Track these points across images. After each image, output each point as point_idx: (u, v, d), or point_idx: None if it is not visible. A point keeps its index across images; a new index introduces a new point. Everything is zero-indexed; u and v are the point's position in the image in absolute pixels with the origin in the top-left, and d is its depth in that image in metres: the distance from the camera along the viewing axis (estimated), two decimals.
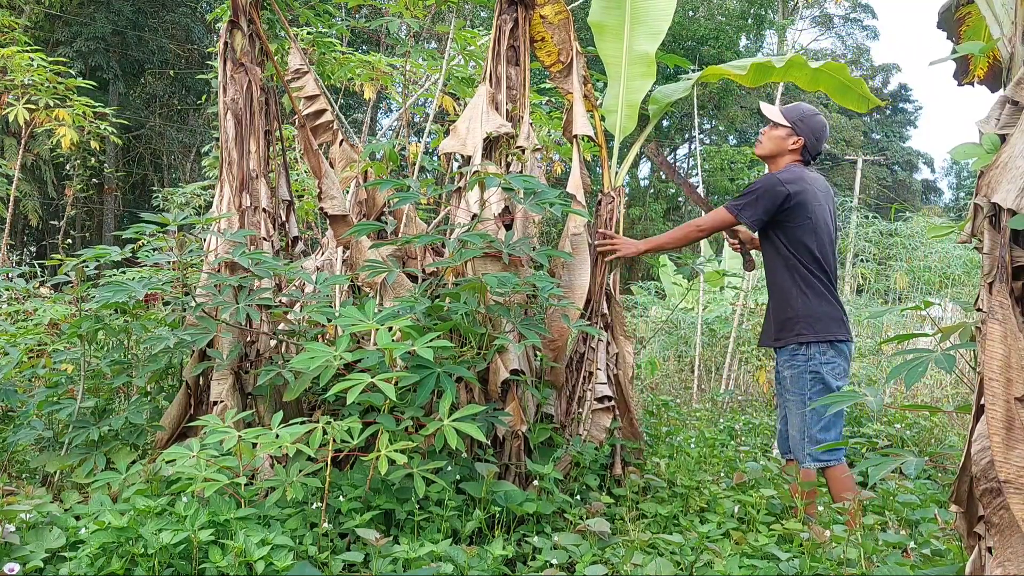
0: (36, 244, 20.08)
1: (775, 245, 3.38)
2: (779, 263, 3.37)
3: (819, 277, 3.30)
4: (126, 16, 19.90)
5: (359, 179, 3.80)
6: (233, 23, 3.42)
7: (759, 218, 3.31)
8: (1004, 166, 1.73)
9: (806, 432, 3.25)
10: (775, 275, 3.41)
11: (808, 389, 3.25)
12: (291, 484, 2.41)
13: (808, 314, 3.27)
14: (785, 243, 3.34)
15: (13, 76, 5.96)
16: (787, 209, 3.29)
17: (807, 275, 3.30)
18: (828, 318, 3.27)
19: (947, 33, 2.59)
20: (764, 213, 3.30)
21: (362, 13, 11.72)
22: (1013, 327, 1.68)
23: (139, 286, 2.91)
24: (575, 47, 3.64)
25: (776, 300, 3.40)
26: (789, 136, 3.43)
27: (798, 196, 3.28)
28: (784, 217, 3.31)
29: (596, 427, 3.47)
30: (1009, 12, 1.83)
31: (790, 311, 3.32)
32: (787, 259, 3.33)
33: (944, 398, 6.95)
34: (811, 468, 3.25)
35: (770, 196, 3.28)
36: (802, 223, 3.30)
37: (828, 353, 3.25)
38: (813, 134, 3.44)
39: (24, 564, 2.10)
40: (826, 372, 3.24)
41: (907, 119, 41.53)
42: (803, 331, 3.27)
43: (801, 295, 3.29)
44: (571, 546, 2.56)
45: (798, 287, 3.30)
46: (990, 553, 1.67)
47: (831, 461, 3.21)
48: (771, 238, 3.39)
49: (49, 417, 3.08)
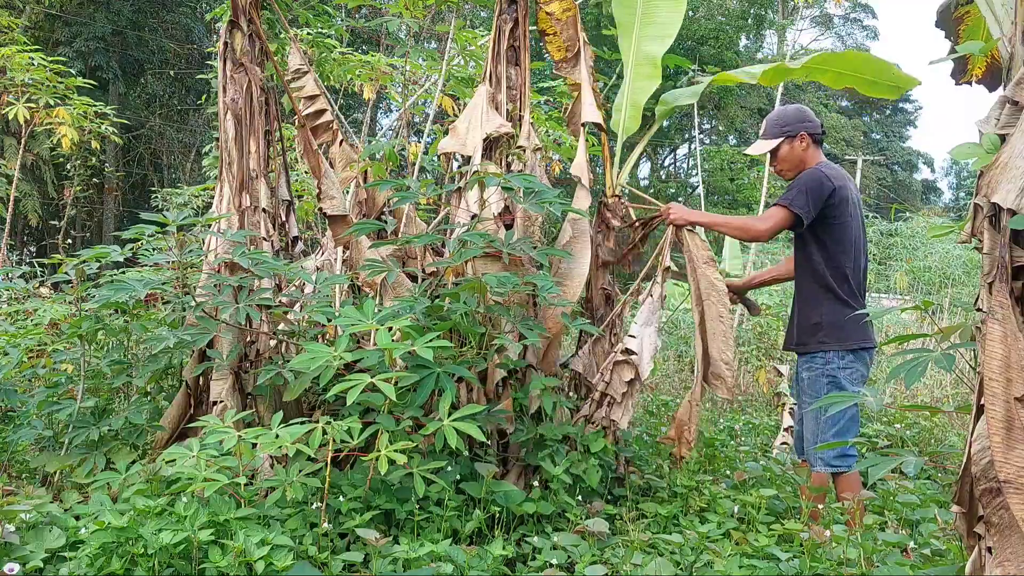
0: (36, 244, 20.08)
1: (809, 248, 3.28)
2: (808, 269, 3.29)
3: (849, 281, 3.23)
4: (126, 16, 19.90)
5: (359, 179, 3.81)
6: (233, 23, 3.41)
7: (810, 211, 3.18)
8: (1004, 166, 1.73)
9: (819, 436, 3.20)
10: (804, 280, 3.33)
11: (823, 393, 3.18)
12: (291, 484, 2.41)
13: (833, 322, 3.20)
14: (821, 245, 3.24)
15: (13, 75, 5.96)
16: (832, 204, 3.19)
17: (837, 280, 3.22)
18: (852, 325, 3.19)
19: (945, 32, 2.59)
20: (814, 206, 3.18)
21: (362, 13, 11.71)
22: (1013, 327, 1.68)
23: (140, 285, 2.91)
24: (582, 38, 3.63)
25: (802, 305, 3.33)
26: (791, 143, 3.36)
27: (841, 191, 3.20)
28: (828, 212, 3.20)
29: (617, 381, 3.33)
30: (1009, 12, 1.83)
31: (816, 317, 3.24)
32: (819, 264, 3.24)
33: (944, 398, 6.95)
34: (823, 472, 3.20)
35: (816, 189, 3.19)
36: (843, 220, 3.22)
37: (847, 358, 3.19)
38: (802, 123, 3.35)
39: (24, 564, 2.10)
40: (843, 377, 3.19)
41: (907, 119, 41.52)
42: (826, 339, 3.21)
43: (828, 302, 3.22)
44: (571, 546, 2.56)
45: (826, 294, 3.23)
46: (990, 553, 1.67)
47: (842, 467, 3.15)
48: (806, 240, 3.29)
49: (49, 417, 3.08)
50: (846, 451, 3.16)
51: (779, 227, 3.29)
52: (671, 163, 32.54)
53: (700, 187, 8.71)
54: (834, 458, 3.14)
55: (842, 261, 3.23)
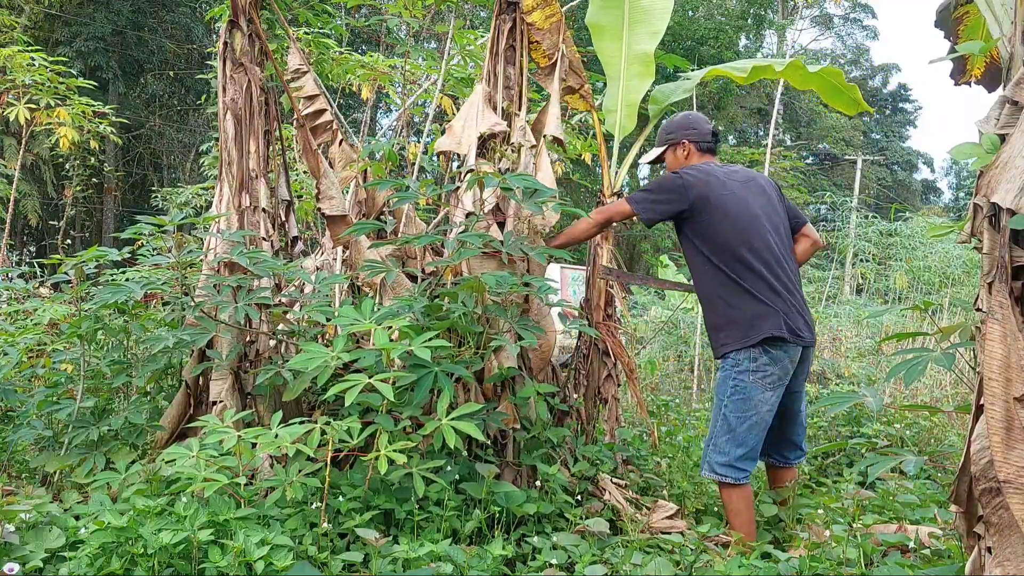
0: (36, 244, 20.09)
1: (693, 246, 3.12)
2: (697, 266, 3.12)
3: (745, 274, 2.97)
4: (126, 16, 19.90)
5: (358, 179, 3.80)
6: (233, 23, 3.42)
7: (650, 208, 3.10)
8: (1003, 166, 1.73)
9: (712, 437, 3.01)
10: (696, 281, 3.16)
11: (727, 397, 2.97)
12: (291, 484, 2.41)
13: (730, 320, 2.99)
14: (700, 242, 3.08)
15: (13, 76, 5.96)
16: (691, 203, 3.04)
17: (729, 275, 3.00)
18: (758, 317, 2.94)
19: (944, 32, 2.60)
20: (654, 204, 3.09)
21: (361, 13, 11.71)
22: (1013, 327, 1.68)
23: (137, 286, 2.91)
24: (561, 49, 3.61)
25: (703, 308, 3.16)
26: (674, 151, 3.33)
27: (701, 190, 3.04)
28: (693, 212, 3.06)
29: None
30: (1009, 12, 1.84)
31: (714, 317, 3.07)
32: (706, 261, 3.06)
33: (944, 398, 6.95)
34: (707, 476, 3.02)
35: (663, 188, 3.10)
36: (710, 216, 3.03)
37: (760, 360, 2.93)
38: (686, 130, 3.30)
39: (24, 564, 2.10)
40: (751, 381, 2.93)
41: (907, 119, 41.52)
42: (727, 340, 3.00)
43: (722, 299, 3.02)
44: (571, 546, 2.56)
45: (719, 290, 3.03)
46: (989, 553, 1.67)
47: (727, 476, 2.93)
48: (687, 237, 3.14)
49: (49, 417, 3.08)
50: (735, 462, 2.93)
51: (608, 218, 3.25)
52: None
53: None
54: (720, 465, 2.95)
55: (728, 257, 3.00)
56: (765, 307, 2.95)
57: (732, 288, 3.00)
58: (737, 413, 2.95)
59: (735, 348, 2.97)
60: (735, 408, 2.95)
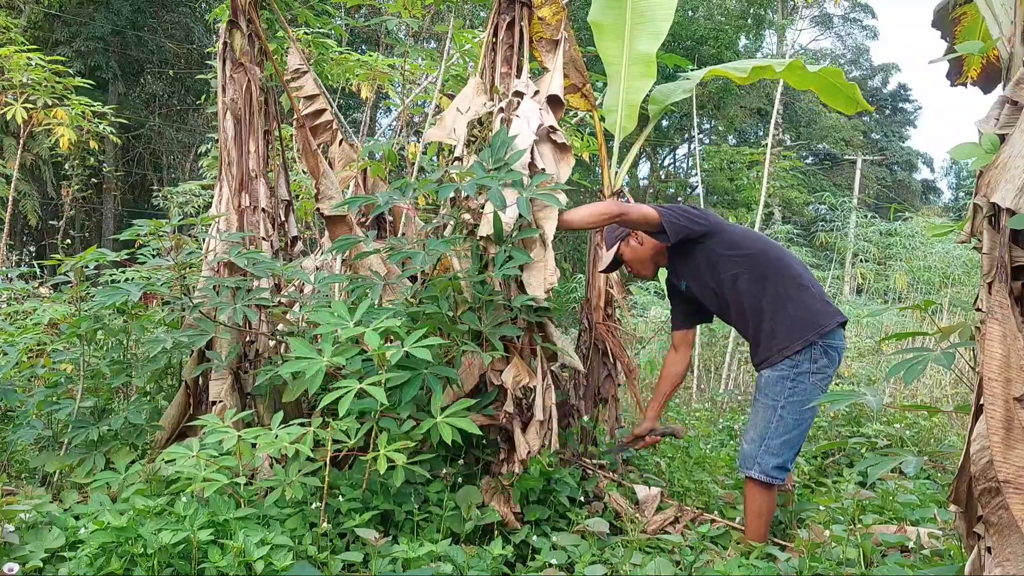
0: (35, 244, 20.07)
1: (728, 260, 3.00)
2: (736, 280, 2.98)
3: (787, 272, 2.96)
4: (125, 16, 19.87)
5: (358, 179, 3.80)
6: (232, 23, 3.41)
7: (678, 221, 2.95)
8: (1003, 166, 1.73)
9: (765, 439, 2.90)
10: (736, 297, 3.00)
11: (783, 398, 2.89)
12: (290, 484, 2.41)
13: (790, 321, 2.91)
14: (734, 252, 2.98)
15: (11, 76, 5.96)
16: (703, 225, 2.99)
17: (774, 276, 2.94)
18: (816, 312, 2.91)
19: (941, 32, 2.59)
20: (681, 219, 2.97)
21: (361, 13, 11.71)
22: (1012, 327, 1.68)
23: (135, 288, 2.91)
24: (564, 36, 3.55)
25: (751, 321, 3.00)
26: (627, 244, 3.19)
27: (710, 216, 3.05)
28: (711, 235, 3.00)
29: None
30: (1008, 12, 1.83)
31: (769, 323, 2.95)
32: (746, 270, 2.96)
33: (944, 398, 6.95)
34: (756, 477, 2.89)
35: (688, 212, 3.01)
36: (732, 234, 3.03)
37: (820, 361, 2.89)
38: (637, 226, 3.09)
39: (24, 564, 2.10)
40: (811, 383, 2.88)
41: (906, 119, 41.50)
42: (786, 342, 2.91)
43: (776, 301, 2.94)
44: (571, 546, 2.56)
45: (777, 290, 2.94)
46: (989, 553, 1.67)
47: (776, 479, 2.88)
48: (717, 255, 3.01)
49: (49, 417, 3.08)
50: (787, 464, 2.90)
51: (624, 212, 2.98)
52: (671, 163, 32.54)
53: (699, 187, 8.70)
54: (774, 468, 2.87)
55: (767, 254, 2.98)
56: (817, 301, 2.93)
57: (784, 290, 2.92)
58: (795, 415, 2.88)
59: (797, 349, 2.88)
60: (793, 410, 2.87)
